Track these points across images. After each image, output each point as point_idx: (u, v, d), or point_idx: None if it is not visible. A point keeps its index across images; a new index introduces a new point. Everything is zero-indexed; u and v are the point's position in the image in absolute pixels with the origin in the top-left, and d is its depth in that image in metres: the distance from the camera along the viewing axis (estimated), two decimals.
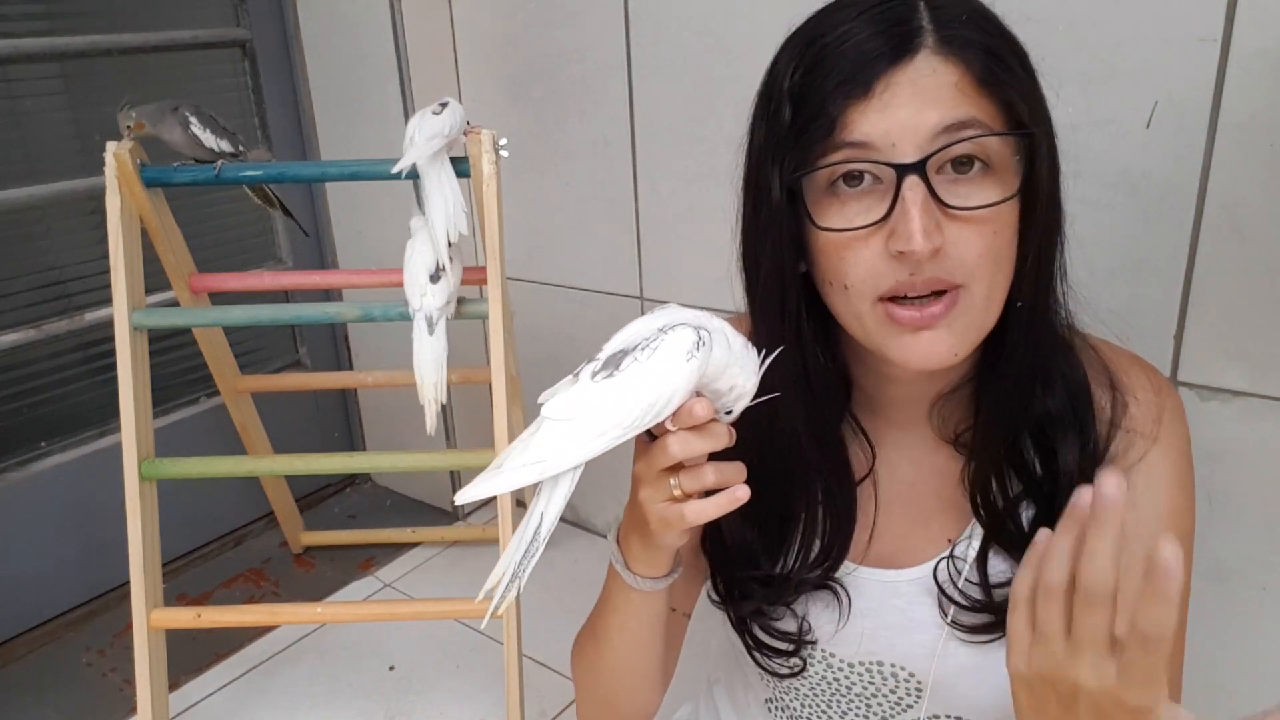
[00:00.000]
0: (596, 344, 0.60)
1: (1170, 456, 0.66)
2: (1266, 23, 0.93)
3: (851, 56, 0.56)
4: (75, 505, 1.66)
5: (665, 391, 0.54)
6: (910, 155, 0.56)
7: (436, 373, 1.22)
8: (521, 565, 0.56)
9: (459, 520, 1.96)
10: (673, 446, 0.56)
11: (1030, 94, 0.58)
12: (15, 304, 1.59)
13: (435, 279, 1.22)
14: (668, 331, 0.55)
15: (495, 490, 0.55)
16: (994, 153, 0.57)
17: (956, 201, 0.56)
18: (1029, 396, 0.65)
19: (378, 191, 1.33)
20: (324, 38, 1.76)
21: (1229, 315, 1.02)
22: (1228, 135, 0.97)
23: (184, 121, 1.25)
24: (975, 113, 0.56)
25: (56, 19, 1.60)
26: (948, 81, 0.56)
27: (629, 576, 0.68)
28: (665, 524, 0.59)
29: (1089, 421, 0.65)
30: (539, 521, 0.56)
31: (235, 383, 1.61)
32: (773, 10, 1.32)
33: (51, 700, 1.49)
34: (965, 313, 0.59)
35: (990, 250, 0.58)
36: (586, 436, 0.54)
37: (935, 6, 0.57)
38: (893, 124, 0.56)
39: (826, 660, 0.73)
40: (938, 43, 0.56)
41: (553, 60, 1.55)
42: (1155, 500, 0.65)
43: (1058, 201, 0.62)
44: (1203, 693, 1.12)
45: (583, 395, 0.55)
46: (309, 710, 1.44)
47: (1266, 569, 1.06)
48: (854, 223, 0.58)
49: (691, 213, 1.48)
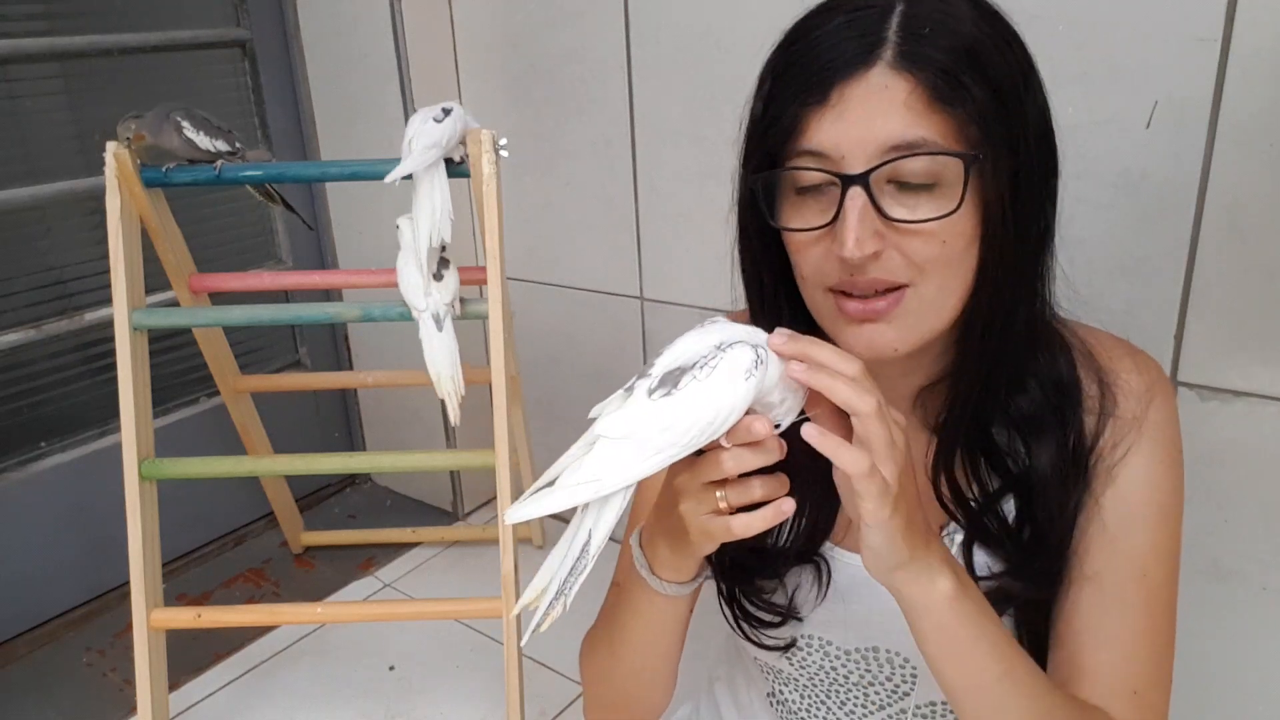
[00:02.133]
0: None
1: (1158, 446, 0.67)
2: (1266, 23, 0.93)
3: (813, 65, 0.59)
4: (75, 505, 1.66)
5: (725, 410, 0.53)
6: (857, 167, 0.58)
7: (452, 366, 1.23)
8: (568, 583, 0.55)
9: (459, 520, 1.96)
10: (727, 463, 0.56)
11: (985, 115, 0.58)
12: (15, 304, 1.59)
13: (439, 277, 1.22)
14: (726, 349, 0.54)
15: (550, 510, 0.54)
16: (942, 171, 0.58)
17: (899, 214, 0.59)
18: (993, 398, 0.66)
19: (378, 191, 1.33)
20: (324, 38, 1.76)
21: (1229, 315, 1.02)
22: (1228, 135, 0.97)
23: (178, 126, 1.25)
24: (924, 131, 0.57)
25: (56, 19, 1.60)
26: (898, 98, 0.57)
27: (655, 582, 0.67)
28: (708, 536, 0.59)
29: (1070, 420, 0.66)
30: (587, 538, 0.55)
31: (235, 383, 1.61)
32: (773, 10, 1.32)
33: (51, 700, 1.49)
34: (911, 310, 0.61)
35: (938, 257, 0.60)
36: (644, 455, 0.53)
37: (909, 15, 0.58)
38: (843, 136, 0.58)
39: (824, 649, 0.74)
40: (895, 57, 0.57)
41: (553, 60, 1.55)
42: (1142, 493, 0.66)
43: (1033, 204, 0.63)
44: (1203, 693, 1.12)
45: (641, 412, 0.54)
46: (309, 710, 1.44)
47: (1266, 569, 1.06)
48: (809, 223, 0.61)
49: (691, 213, 1.48)
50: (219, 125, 1.30)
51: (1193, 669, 1.06)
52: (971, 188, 0.58)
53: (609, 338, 1.65)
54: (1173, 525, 0.67)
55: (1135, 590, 0.65)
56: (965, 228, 0.60)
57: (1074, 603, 0.66)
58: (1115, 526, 0.66)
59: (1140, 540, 0.66)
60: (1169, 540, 0.67)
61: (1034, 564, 0.67)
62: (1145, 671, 0.65)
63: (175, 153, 1.28)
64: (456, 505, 1.97)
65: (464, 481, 1.96)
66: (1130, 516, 0.66)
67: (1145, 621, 0.66)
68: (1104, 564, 0.66)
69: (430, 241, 1.20)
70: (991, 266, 0.62)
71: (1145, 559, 0.66)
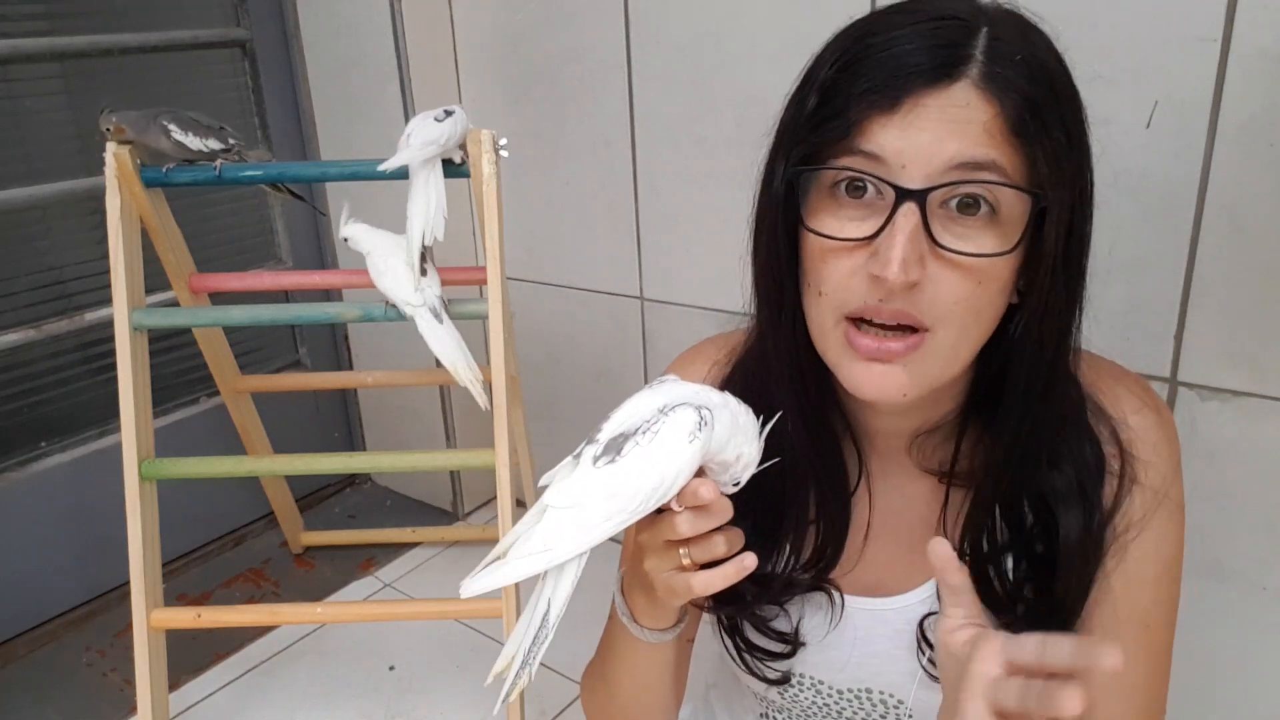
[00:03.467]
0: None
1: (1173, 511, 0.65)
2: (1266, 23, 0.93)
3: (889, 66, 0.54)
4: (75, 505, 1.66)
5: (669, 475, 0.53)
6: (917, 182, 0.53)
7: (463, 355, 1.23)
8: (531, 653, 0.56)
9: (459, 520, 1.96)
10: (681, 525, 0.56)
11: (1058, 156, 0.55)
12: (15, 304, 1.59)
13: (424, 272, 1.22)
14: (668, 412, 0.54)
15: (502, 583, 0.55)
16: (1004, 203, 0.55)
17: (949, 241, 0.54)
18: (1032, 469, 0.63)
19: (378, 191, 1.33)
20: (324, 38, 1.76)
21: (1229, 315, 1.02)
22: (1228, 135, 0.97)
23: (165, 130, 1.25)
24: (996, 156, 0.53)
25: (56, 19, 1.59)
26: (978, 119, 0.53)
27: (636, 629, 0.67)
28: (673, 593, 0.59)
29: (1097, 500, 0.63)
30: (546, 608, 0.56)
31: (235, 383, 1.61)
32: (773, 11, 1.32)
33: (51, 700, 1.49)
34: (926, 358, 0.57)
35: (968, 300, 0.56)
36: (591, 523, 0.54)
37: (995, 37, 0.54)
38: (909, 145, 0.53)
39: (816, 688, 0.73)
40: (981, 76, 0.53)
41: (553, 60, 1.55)
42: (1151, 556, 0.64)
43: (1075, 272, 0.59)
44: (1202, 693, 1.12)
45: (586, 481, 0.54)
46: (309, 710, 1.44)
47: (1266, 569, 1.06)
48: (844, 232, 0.56)
49: (691, 213, 1.48)
50: (209, 124, 1.29)
51: (1193, 669, 1.06)
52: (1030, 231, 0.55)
53: (609, 338, 1.65)
54: (1175, 574, 0.66)
55: (1138, 644, 0.65)
56: (1004, 274, 0.56)
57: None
58: (1122, 589, 0.64)
59: (1146, 598, 0.65)
60: (1171, 588, 0.66)
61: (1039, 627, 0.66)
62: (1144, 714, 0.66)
63: (169, 154, 1.28)
64: (456, 505, 1.97)
65: (464, 481, 1.96)
66: (1138, 578, 0.64)
67: (1146, 670, 0.65)
68: (1109, 621, 0.64)
69: (424, 239, 1.20)
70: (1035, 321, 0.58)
71: (1149, 614, 0.65)
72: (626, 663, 0.71)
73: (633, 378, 1.64)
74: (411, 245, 1.21)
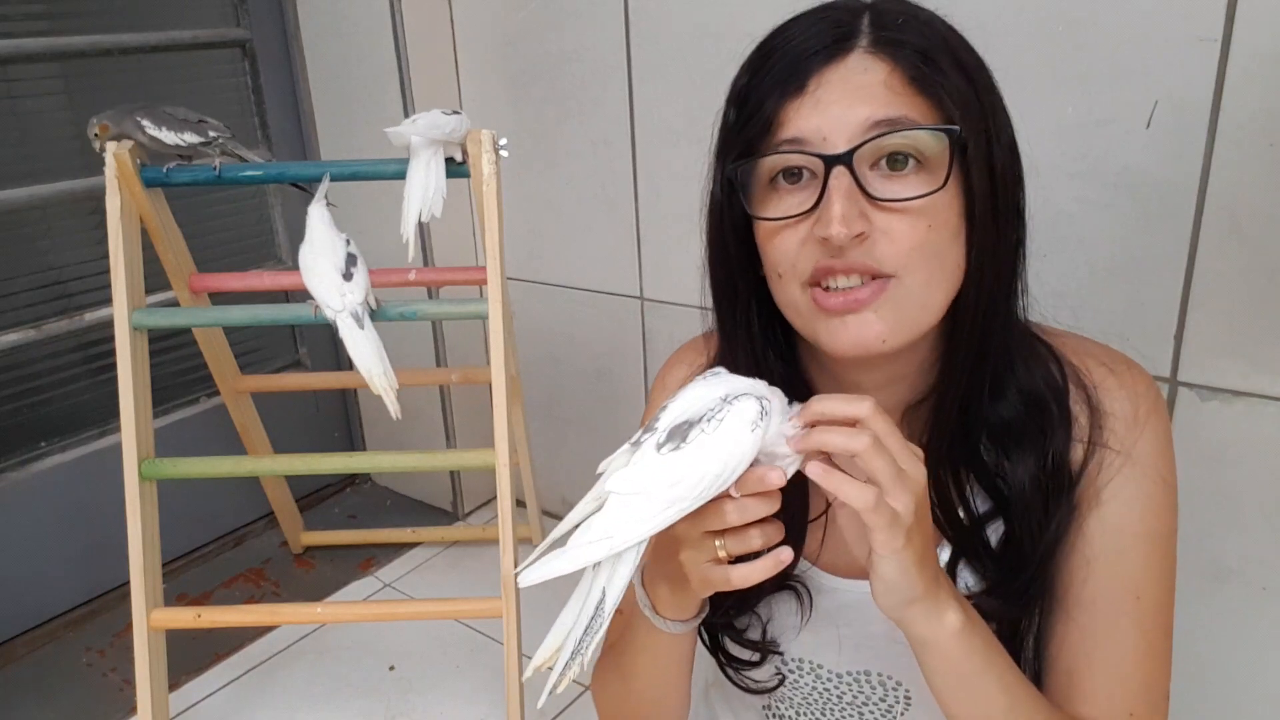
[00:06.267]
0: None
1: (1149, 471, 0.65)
2: (1266, 23, 0.93)
3: (790, 56, 0.60)
4: (75, 505, 1.66)
5: (733, 462, 0.53)
6: (840, 148, 0.58)
7: (381, 362, 1.21)
8: (583, 642, 0.55)
9: (459, 520, 1.96)
10: (731, 514, 0.56)
11: (963, 94, 0.59)
12: (15, 304, 1.59)
13: (348, 276, 1.21)
14: (731, 402, 0.54)
15: (564, 570, 0.54)
16: (925, 148, 0.58)
17: (884, 194, 0.58)
18: (976, 405, 0.65)
19: (378, 191, 1.34)
20: (324, 38, 1.76)
21: (1229, 315, 1.02)
22: (1228, 135, 0.97)
23: (139, 126, 1.24)
24: (905, 110, 0.58)
25: (56, 19, 1.60)
26: (877, 79, 0.58)
27: (658, 621, 0.67)
28: (708, 584, 0.59)
29: (1050, 432, 0.65)
30: (601, 596, 0.55)
31: (235, 383, 1.61)
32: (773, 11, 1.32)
33: (51, 700, 1.49)
34: (897, 302, 0.60)
35: (925, 244, 0.59)
36: (655, 510, 0.53)
37: (878, 11, 0.60)
38: (824, 119, 0.58)
39: (815, 672, 0.74)
40: (871, 43, 0.58)
41: (553, 60, 1.55)
42: (1134, 519, 0.65)
43: (1010, 205, 0.62)
44: (1203, 693, 1.12)
45: (650, 468, 0.54)
46: (309, 710, 1.44)
47: (1267, 569, 1.06)
48: (788, 211, 0.60)
49: (691, 213, 1.46)
50: (186, 118, 1.28)
51: (1193, 669, 1.06)
52: (955, 169, 0.58)
53: (609, 338, 1.65)
54: (1166, 547, 0.67)
55: (1129, 614, 0.65)
56: (950, 216, 0.60)
57: (1069, 627, 0.66)
58: (1107, 554, 0.65)
59: (1133, 565, 0.65)
60: (1163, 562, 0.66)
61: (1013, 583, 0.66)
62: (1141, 693, 0.65)
63: (150, 150, 1.28)
64: (456, 505, 1.97)
65: (464, 481, 1.96)
66: (1122, 543, 0.65)
67: (1140, 644, 0.65)
68: (1098, 590, 0.65)
69: (420, 216, 1.20)
70: (976, 257, 0.61)
71: (1138, 583, 0.65)
72: (645, 654, 0.71)
73: (633, 378, 1.64)
74: (407, 219, 1.21)
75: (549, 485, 1.88)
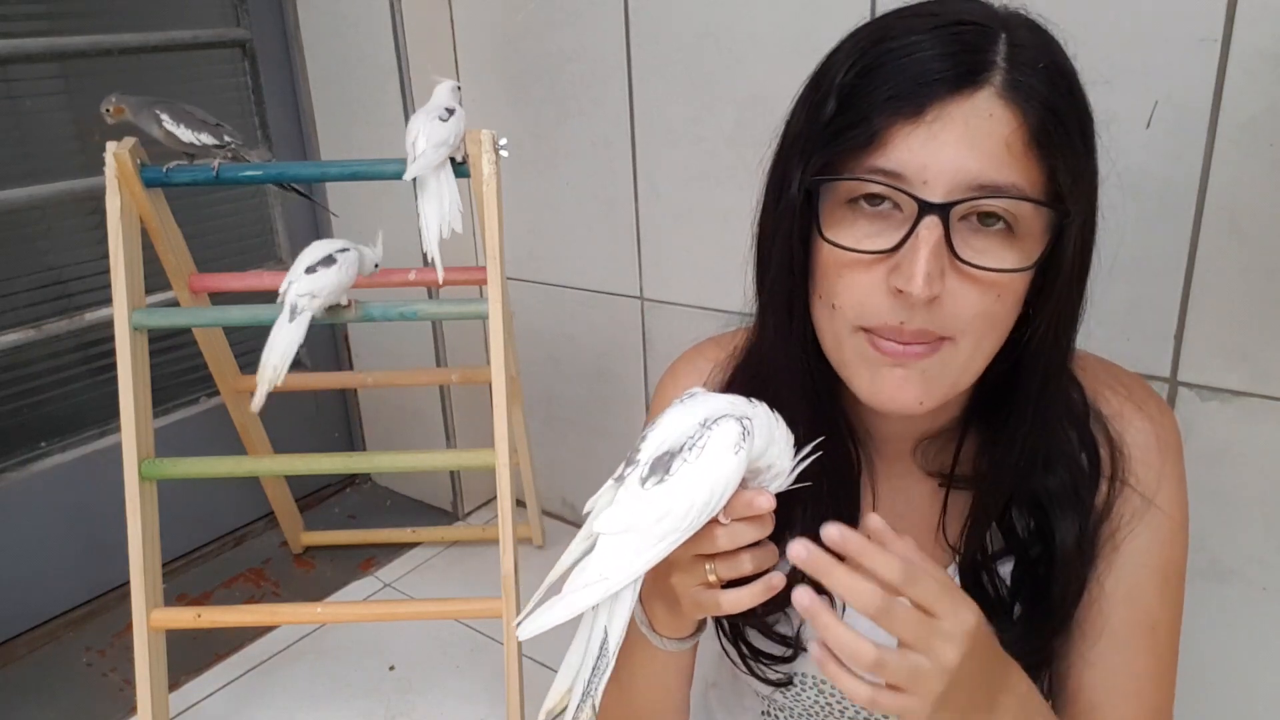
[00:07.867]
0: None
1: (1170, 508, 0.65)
2: (1266, 23, 0.93)
3: (911, 72, 0.53)
4: (75, 505, 1.66)
5: (719, 489, 0.53)
6: (938, 195, 0.53)
7: (282, 360, 1.20)
8: (592, 684, 0.55)
9: (459, 520, 1.96)
10: (721, 539, 0.55)
11: (1078, 167, 0.55)
12: (15, 304, 1.59)
13: (312, 270, 1.22)
14: (711, 426, 0.53)
15: (563, 618, 0.54)
16: (1023, 218, 0.55)
17: (970, 256, 0.54)
18: (1029, 472, 0.63)
19: (378, 191, 1.34)
20: (324, 38, 1.76)
21: (1229, 315, 1.02)
22: (1228, 135, 0.97)
23: (156, 119, 1.25)
24: (1016, 178, 0.53)
25: (56, 19, 1.59)
26: (1000, 134, 0.53)
27: (655, 639, 0.67)
28: (700, 608, 0.59)
29: (1091, 502, 0.64)
30: (604, 636, 0.55)
31: (235, 383, 1.61)
32: (773, 10, 1.32)
33: (51, 700, 1.49)
34: (944, 364, 0.57)
35: (987, 313, 0.56)
36: (645, 546, 0.53)
37: (1015, 44, 0.54)
38: (933, 159, 0.53)
39: (818, 687, 0.74)
40: (1004, 84, 0.53)
41: (553, 60, 1.55)
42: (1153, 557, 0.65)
43: (1082, 281, 0.59)
44: (1203, 693, 1.12)
45: (636, 504, 0.53)
46: (309, 710, 1.43)
47: (1266, 569, 1.06)
48: (862, 244, 0.56)
49: (691, 213, 1.48)
50: (204, 119, 1.29)
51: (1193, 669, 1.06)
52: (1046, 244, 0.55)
53: (609, 338, 1.65)
54: (1179, 578, 0.67)
55: (1147, 647, 0.65)
56: (1021, 287, 0.56)
57: (1088, 660, 0.66)
58: (1127, 589, 0.65)
59: (1150, 599, 0.65)
60: (1176, 589, 0.67)
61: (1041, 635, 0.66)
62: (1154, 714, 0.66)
63: (164, 144, 1.28)
64: (456, 505, 1.97)
65: (464, 481, 1.96)
66: (1139, 578, 0.65)
67: (1156, 673, 0.66)
68: (1117, 624, 0.65)
69: (440, 234, 1.21)
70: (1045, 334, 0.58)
71: (1155, 615, 0.65)
72: (643, 670, 0.71)
73: (633, 378, 1.64)
74: (429, 240, 1.21)
75: (549, 485, 1.88)
